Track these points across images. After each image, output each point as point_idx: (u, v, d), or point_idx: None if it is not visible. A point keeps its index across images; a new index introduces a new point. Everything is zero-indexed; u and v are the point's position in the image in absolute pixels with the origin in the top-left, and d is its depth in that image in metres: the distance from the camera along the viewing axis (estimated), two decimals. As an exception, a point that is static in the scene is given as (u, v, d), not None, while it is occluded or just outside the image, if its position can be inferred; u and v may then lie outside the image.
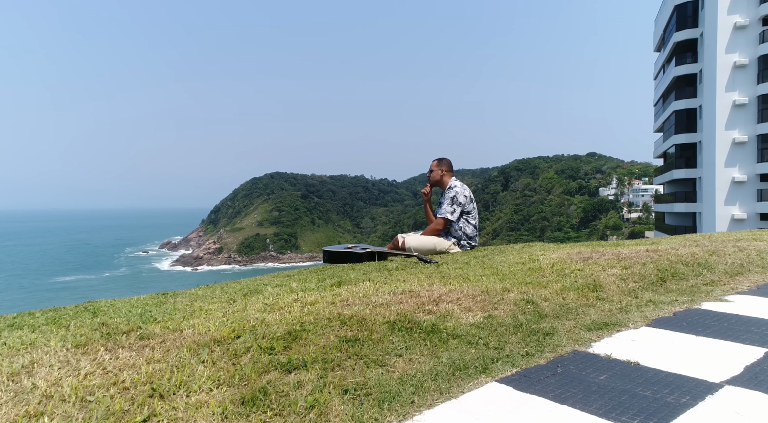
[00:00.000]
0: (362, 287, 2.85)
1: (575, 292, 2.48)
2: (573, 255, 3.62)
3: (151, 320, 2.11)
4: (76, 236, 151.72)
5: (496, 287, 2.60)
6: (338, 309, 2.22)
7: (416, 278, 3.09)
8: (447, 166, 4.75)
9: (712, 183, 27.04)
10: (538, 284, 2.63)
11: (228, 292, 2.85)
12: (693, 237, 4.76)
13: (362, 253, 4.18)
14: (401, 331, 1.91)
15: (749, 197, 26.46)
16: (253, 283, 3.29)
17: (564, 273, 2.89)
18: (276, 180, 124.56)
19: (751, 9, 26.28)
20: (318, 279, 3.24)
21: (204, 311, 2.31)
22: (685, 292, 2.51)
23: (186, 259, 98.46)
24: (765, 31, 25.74)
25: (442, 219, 4.53)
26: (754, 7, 26.21)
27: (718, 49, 26.56)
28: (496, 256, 3.97)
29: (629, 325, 2.00)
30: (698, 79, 29.31)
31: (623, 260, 3.12)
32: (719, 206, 26.96)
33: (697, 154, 29.44)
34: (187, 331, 1.90)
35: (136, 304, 2.62)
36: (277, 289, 2.90)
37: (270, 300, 2.53)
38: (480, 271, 3.20)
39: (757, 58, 26.11)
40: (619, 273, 2.79)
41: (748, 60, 26.20)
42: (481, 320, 2.06)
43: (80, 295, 60.63)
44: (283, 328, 1.90)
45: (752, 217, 26.47)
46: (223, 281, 3.73)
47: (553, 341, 1.83)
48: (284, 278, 3.47)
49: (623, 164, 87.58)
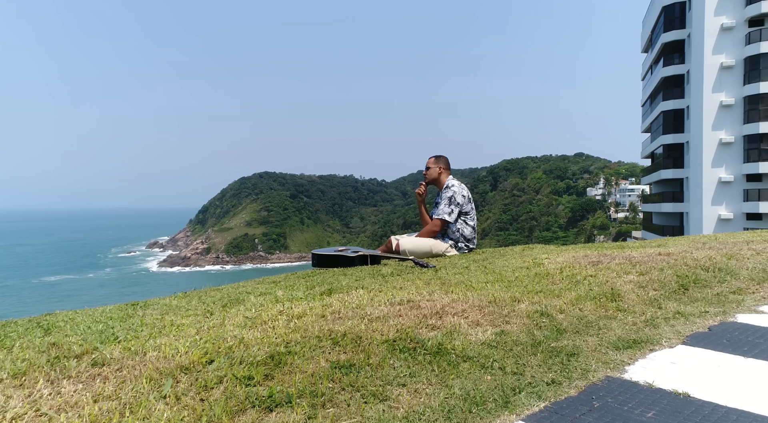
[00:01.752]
0: (355, 296, 2.57)
1: (592, 302, 2.23)
2: (580, 258, 3.39)
3: (112, 340, 1.81)
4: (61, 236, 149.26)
5: (503, 296, 2.35)
6: (329, 324, 1.94)
7: (414, 285, 2.82)
8: (445, 164, 4.49)
9: (699, 183, 27.26)
10: (550, 293, 2.39)
11: (206, 303, 2.56)
12: (700, 238, 4.58)
13: (354, 256, 3.91)
14: (403, 352, 1.64)
15: (735, 197, 26.71)
16: (235, 291, 3.00)
17: (576, 280, 2.65)
18: (265, 180, 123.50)
19: (737, 10, 26.53)
20: (306, 286, 2.96)
21: (175, 327, 2.02)
22: (712, 301, 2.28)
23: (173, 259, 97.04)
24: (751, 32, 25.99)
25: (439, 220, 4.27)
26: (741, 8, 26.46)
27: (705, 50, 26.76)
28: (497, 259, 3.73)
29: (663, 343, 1.76)
30: (686, 79, 29.54)
31: (637, 265, 2.89)
32: (706, 206, 27.19)
33: (685, 155, 29.69)
34: (151, 353, 1.61)
35: (99, 317, 2.31)
36: (260, 299, 2.61)
37: (252, 312, 2.24)
38: (483, 277, 2.94)
39: (743, 59, 26.36)
40: (636, 280, 2.56)
41: (735, 61, 26.45)
42: (493, 337, 1.80)
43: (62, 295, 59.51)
44: (265, 349, 1.62)
45: (738, 216, 26.74)
46: (208, 284, 3.43)
47: (580, 364, 1.58)
48: (269, 285, 3.18)
49: (610, 164, 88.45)
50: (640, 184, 66.71)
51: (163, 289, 62.18)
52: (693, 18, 27.68)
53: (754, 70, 26.10)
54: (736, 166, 26.66)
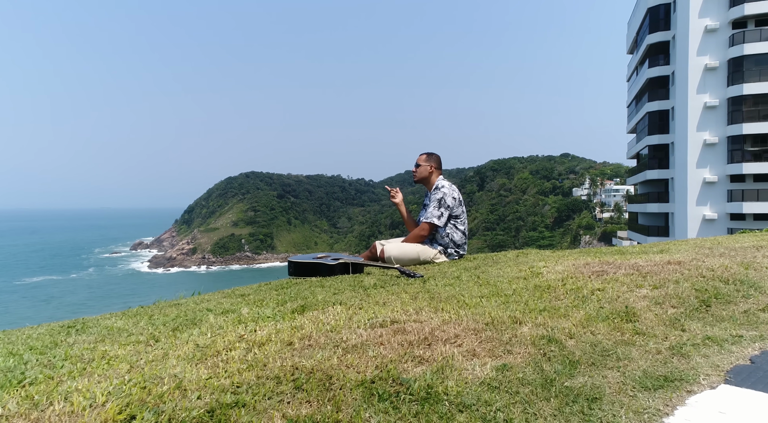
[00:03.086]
0: (331, 314, 2.23)
1: (605, 324, 1.92)
2: (581, 267, 3.09)
3: (15, 383, 1.44)
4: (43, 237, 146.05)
5: (502, 316, 2.03)
6: (295, 356, 1.59)
7: (399, 300, 2.49)
8: (436, 163, 4.15)
9: (684, 184, 27.46)
10: (555, 311, 2.07)
11: (155, 324, 2.18)
12: (703, 243, 4.33)
13: (334, 264, 3.56)
14: (383, 399, 1.30)
15: (720, 198, 26.96)
16: (196, 308, 2.63)
17: (582, 294, 2.34)
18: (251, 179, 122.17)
19: (721, 12, 26.78)
20: (277, 301, 2.60)
21: (106, 361, 1.65)
22: (741, 321, 1.99)
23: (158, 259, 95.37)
24: (735, 34, 26.25)
25: (428, 224, 3.93)
26: (725, 10, 26.72)
27: (689, 51, 26.96)
28: (491, 267, 3.41)
29: (700, 381, 1.45)
30: (671, 81, 29.77)
31: (648, 276, 2.60)
32: (691, 206, 27.40)
33: (670, 155, 29.90)
34: (57, 406, 1.25)
35: (18, 345, 1.92)
36: (221, 319, 2.25)
37: (206, 338, 1.88)
38: (476, 289, 2.62)
39: (726, 60, 26.61)
40: (650, 294, 2.26)
41: (719, 63, 26.68)
42: (494, 374, 1.47)
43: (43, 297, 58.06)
44: (206, 398, 1.27)
45: (722, 217, 26.99)
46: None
47: (606, 414, 1.26)
48: (237, 299, 2.82)
49: (596, 165, 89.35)
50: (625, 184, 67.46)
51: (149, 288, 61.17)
52: (678, 19, 27.87)
53: (737, 72, 26.37)
54: (720, 167, 26.91)
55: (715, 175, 26.88)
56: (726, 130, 26.66)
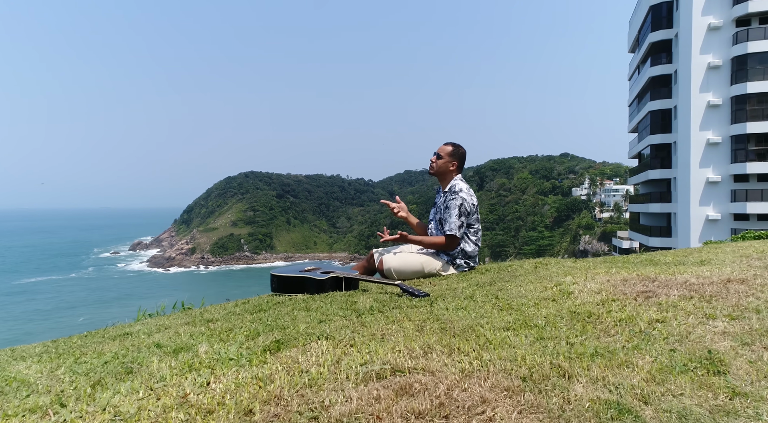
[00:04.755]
0: (313, 356, 1.71)
1: (686, 378, 1.40)
2: (619, 285, 2.56)
3: None
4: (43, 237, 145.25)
5: (541, 363, 1.50)
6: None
7: (401, 331, 1.96)
8: (459, 160, 3.54)
9: (686, 183, 26.98)
10: (612, 356, 1.54)
11: (76, 373, 1.64)
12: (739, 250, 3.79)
13: (324, 279, 3.03)
14: None
15: (723, 198, 26.50)
16: (143, 342, 2.09)
17: (638, 328, 1.81)
18: (251, 179, 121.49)
19: (725, 10, 26.31)
20: (246, 334, 2.06)
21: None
22: None
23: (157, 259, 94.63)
24: (738, 32, 25.78)
25: (450, 238, 3.34)
26: (728, 8, 26.25)
27: (692, 49, 26.49)
28: (508, 283, 2.89)
29: None
30: (673, 79, 29.29)
31: (713, 301, 2.07)
32: (694, 207, 26.92)
33: (672, 155, 29.44)
34: None
35: None
36: (168, 362, 1.72)
37: (134, 401, 1.35)
38: (497, 316, 2.09)
39: (730, 59, 26.15)
40: (730, 330, 1.73)
41: (722, 61, 26.22)
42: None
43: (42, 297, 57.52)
44: None
45: (726, 217, 26.53)
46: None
47: None
48: (199, 329, 2.28)
49: (595, 165, 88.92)
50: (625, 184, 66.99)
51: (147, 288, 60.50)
52: (680, 18, 27.39)
53: (741, 70, 25.90)
54: (724, 167, 26.44)
55: (718, 174, 26.41)
56: (729, 129, 26.20)
